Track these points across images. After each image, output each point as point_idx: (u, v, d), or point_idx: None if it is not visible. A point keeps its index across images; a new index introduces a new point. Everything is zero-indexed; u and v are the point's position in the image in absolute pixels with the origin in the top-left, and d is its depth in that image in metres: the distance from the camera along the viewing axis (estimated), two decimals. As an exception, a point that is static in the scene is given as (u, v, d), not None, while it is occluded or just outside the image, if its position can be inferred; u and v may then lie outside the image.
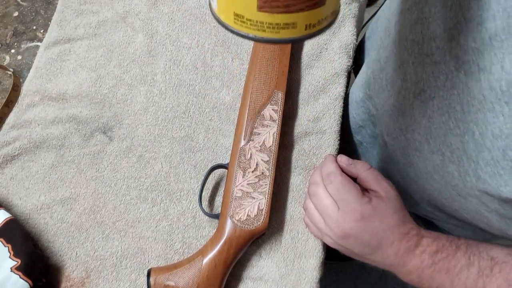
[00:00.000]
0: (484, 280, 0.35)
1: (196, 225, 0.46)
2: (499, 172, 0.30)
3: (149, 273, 0.41)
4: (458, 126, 0.33)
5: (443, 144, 0.36)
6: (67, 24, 0.53)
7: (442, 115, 0.35)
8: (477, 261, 0.36)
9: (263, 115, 0.45)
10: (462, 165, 0.34)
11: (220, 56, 0.53)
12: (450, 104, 0.33)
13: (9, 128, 0.49)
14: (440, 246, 0.37)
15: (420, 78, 0.37)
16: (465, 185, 0.35)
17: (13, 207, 0.46)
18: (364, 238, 0.39)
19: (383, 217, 0.39)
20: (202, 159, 0.49)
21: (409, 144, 0.41)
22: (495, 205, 0.33)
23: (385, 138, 0.46)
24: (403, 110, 0.41)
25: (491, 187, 0.32)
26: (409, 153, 0.42)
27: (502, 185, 0.31)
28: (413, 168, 0.42)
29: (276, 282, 0.44)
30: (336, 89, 0.52)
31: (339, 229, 0.39)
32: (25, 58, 0.54)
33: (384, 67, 0.44)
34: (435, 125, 0.36)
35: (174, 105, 0.51)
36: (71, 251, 0.45)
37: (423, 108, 0.37)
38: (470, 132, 0.32)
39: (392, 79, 0.42)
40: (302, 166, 0.49)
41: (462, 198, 0.37)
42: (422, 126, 0.38)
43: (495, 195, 0.32)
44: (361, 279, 1.19)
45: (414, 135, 0.39)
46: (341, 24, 0.54)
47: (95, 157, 0.48)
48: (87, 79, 0.51)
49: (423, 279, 0.37)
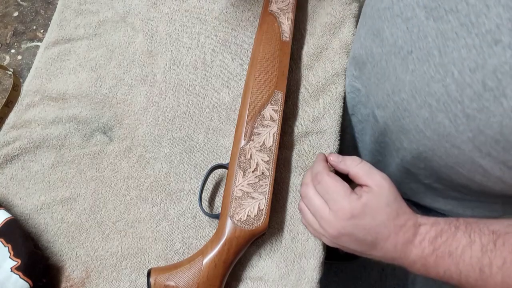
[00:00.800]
0: (489, 256, 0.34)
1: (196, 225, 0.46)
2: (485, 104, 0.32)
3: (149, 273, 0.41)
4: (438, 71, 0.35)
5: (428, 95, 0.37)
6: (67, 24, 0.53)
7: (422, 65, 0.36)
8: (478, 238, 0.35)
9: (263, 115, 0.45)
10: (450, 110, 0.35)
11: (220, 56, 0.53)
12: (428, 51, 0.35)
13: (9, 128, 0.49)
14: (438, 230, 0.37)
15: (396, 37, 0.39)
16: (457, 130, 0.35)
17: (13, 207, 0.46)
18: (358, 236, 0.39)
19: (374, 212, 0.38)
20: (202, 159, 0.49)
21: (398, 107, 0.42)
22: (488, 148, 0.34)
23: (376, 112, 0.47)
24: (387, 74, 0.42)
25: (482, 121, 0.33)
26: (398, 117, 0.42)
27: (491, 116, 0.32)
28: (405, 133, 0.43)
29: (276, 282, 0.44)
30: (336, 89, 0.52)
31: (332, 229, 0.39)
32: (25, 58, 0.54)
33: (363, 43, 0.47)
34: (418, 77, 0.37)
35: (174, 105, 0.51)
36: (71, 251, 0.45)
37: (404, 65, 0.39)
38: (450, 74, 0.33)
39: (371, 49, 0.44)
40: (302, 166, 0.49)
41: (456, 148, 0.37)
42: (407, 83, 0.39)
43: (487, 131, 0.33)
44: (361, 279, 1.19)
45: (401, 95, 0.40)
46: (341, 24, 0.54)
47: (95, 157, 0.48)
48: (87, 79, 0.51)
49: (429, 267, 0.37)
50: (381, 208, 0.38)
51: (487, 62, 0.30)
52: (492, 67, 0.30)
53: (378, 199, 0.39)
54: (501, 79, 0.30)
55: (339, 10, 0.54)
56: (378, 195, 0.39)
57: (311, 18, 0.55)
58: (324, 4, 0.55)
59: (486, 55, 0.30)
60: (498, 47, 0.29)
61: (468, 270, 0.35)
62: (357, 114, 0.56)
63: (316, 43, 0.53)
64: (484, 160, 0.35)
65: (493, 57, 0.30)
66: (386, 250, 0.38)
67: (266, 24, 0.49)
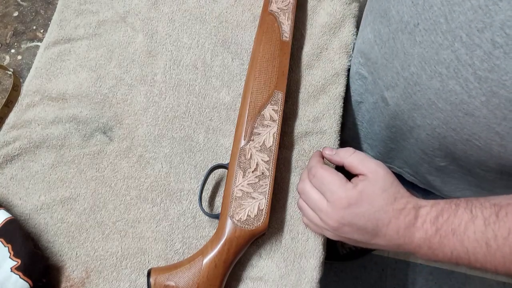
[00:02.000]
0: (493, 228, 0.34)
1: (196, 225, 0.46)
2: (496, 63, 0.32)
3: (149, 273, 0.41)
4: (447, 38, 0.35)
5: (437, 63, 0.37)
6: (67, 24, 0.53)
7: (430, 34, 0.37)
8: (480, 212, 0.35)
9: (263, 115, 0.45)
10: (461, 75, 0.35)
11: (220, 56, 0.53)
12: (435, 20, 0.35)
13: (9, 128, 0.49)
14: (439, 210, 0.37)
15: (402, 14, 0.40)
16: (470, 95, 0.35)
17: (13, 207, 0.46)
18: (358, 224, 0.38)
19: (371, 199, 0.38)
20: (202, 159, 0.49)
21: (408, 83, 0.42)
22: (502, 110, 0.34)
23: (385, 94, 0.48)
24: (395, 52, 0.42)
25: (494, 82, 0.33)
26: (410, 93, 0.43)
27: (503, 75, 0.32)
28: (418, 109, 0.43)
29: (276, 282, 0.44)
30: (336, 89, 0.52)
31: (332, 221, 0.39)
32: (25, 58, 0.54)
33: (372, 27, 0.48)
34: (427, 48, 0.37)
35: (174, 105, 0.51)
36: (71, 251, 0.45)
37: (411, 39, 0.39)
38: (458, 38, 0.34)
39: (379, 31, 0.45)
40: (302, 166, 0.49)
41: (470, 117, 0.37)
42: (416, 55, 0.39)
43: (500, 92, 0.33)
44: (361, 279, 1.19)
45: (410, 69, 0.41)
46: (341, 24, 0.54)
47: (95, 157, 0.48)
48: (87, 79, 0.51)
49: (435, 249, 0.36)
50: (378, 194, 0.38)
51: (494, 19, 0.30)
52: (500, 23, 0.30)
53: (373, 186, 0.39)
54: (509, 34, 0.30)
55: (339, 10, 0.54)
56: (373, 181, 0.39)
57: (311, 18, 0.55)
58: (324, 4, 0.55)
59: (492, 12, 0.30)
60: (503, 2, 0.29)
61: (475, 247, 0.34)
62: (365, 102, 0.56)
63: (316, 43, 0.53)
64: (499, 126, 0.35)
65: (499, 13, 0.30)
66: (389, 237, 0.38)
67: (266, 24, 0.49)
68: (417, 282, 1.27)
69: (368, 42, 0.49)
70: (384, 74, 0.47)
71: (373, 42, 0.47)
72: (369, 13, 0.50)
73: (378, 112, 0.53)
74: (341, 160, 0.42)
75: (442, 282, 1.26)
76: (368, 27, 0.50)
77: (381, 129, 0.55)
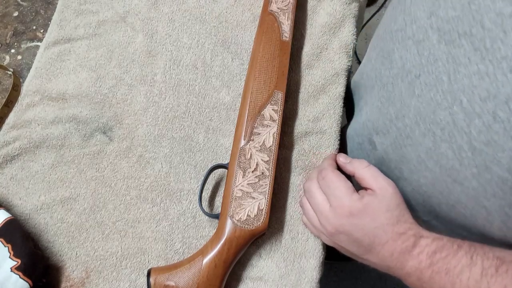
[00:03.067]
0: (488, 280, 0.32)
1: (196, 225, 0.46)
2: (493, 138, 0.29)
3: (149, 273, 0.41)
4: (446, 98, 0.33)
5: (432, 122, 0.35)
6: (67, 24, 0.53)
7: (430, 90, 0.34)
8: (480, 261, 0.34)
9: (263, 115, 0.45)
10: (454, 141, 0.33)
11: (220, 56, 0.53)
12: (437, 77, 0.33)
13: (9, 128, 0.49)
14: (439, 246, 0.36)
15: (405, 60, 0.37)
16: (461, 163, 0.33)
17: (13, 207, 0.46)
18: (355, 236, 0.38)
19: (374, 215, 0.38)
20: (202, 159, 0.49)
21: (400, 134, 0.40)
22: (493, 187, 0.31)
23: (374, 138, 0.46)
24: (392, 98, 0.40)
25: (488, 156, 0.30)
26: (400, 144, 0.41)
27: (499, 151, 0.29)
28: (406, 162, 0.41)
29: (276, 282, 0.44)
30: (336, 89, 0.52)
31: (330, 226, 0.39)
32: (25, 58, 0.54)
33: (372, 62, 0.45)
34: (424, 103, 0.35)
35: (174, 105, 0.51)
36: (71, 251, 0.45)
37: (411, 89, 0.37)
38: (458, 102, 0.31)
39: (380, 70, 0.43)
40: (302, 166, 0.49)
41: (458, 185, 0.35)
42: (412, 108, 0.37)
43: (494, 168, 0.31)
44: (361, 279, 1.19)
45: (404, 121, 0.39)
46: (341, 24, 0.54)
47: (95, 157, 0.48)
48: (87, 79, 0.51)
49: (424, 282, 0.36)
50: (382, 212, 0.38)
51: (500, 91, 0.28)
52: (505, 97, 0.28)
53: (379, 202, 0.38)
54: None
55: (339, 10, 0.54)
56: (380, 198, 0.39)
57: (311, 18, 0.55)
58: (324, 4, 0.55)
59: (499, 83, 0.28)
60: None
61: None
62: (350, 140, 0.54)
63: (316, 43, 0.53)
64: (488, 202, 0.33)
65: (506, 85, 0.27)
66: (382, 257, 0.38)
67: (266, 24, 0.49)
68: (417, 282, 1.27)
69: (368, 80, 0.47)
70: (376, 118, 0.44)
71: (373, 81, 0.45)
72: (373, 50, 0.47)
73: (363, 154, 0.50)
74: (354, 170, 0.42)
75: None
76: (369, 63, 0.47)
77: None
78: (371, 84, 0.46)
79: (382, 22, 0.46)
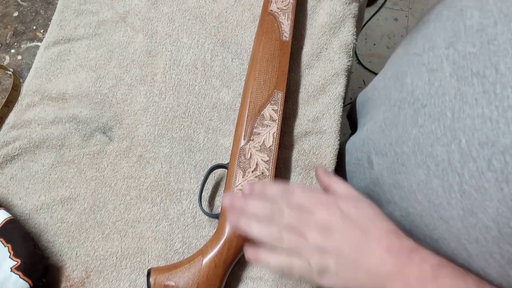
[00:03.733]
0: None
1: (196, 225, 0.46)
2: (484, 185, 0.29)
3: (149, 273, 0.41)
4: (446, 135, 0.32)
5: (429, 156, 0.34)
6: (67, 24, 0.53)
7: (432, 123, 0.34)
8: None
9: (263, 115, 0.45)
10: (446, 179, 0.33)
11: (220, 56, 0.53)
12: (442, 111, 0.33)
13: (9, 128, 0.49)
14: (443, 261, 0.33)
15: (415, 86, 0.37)
16: (449, 202, 0.33)
17: (13, 207, 0.46)
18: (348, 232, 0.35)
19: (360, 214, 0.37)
20: (202, 159, 0.49)
21: (397, 159, 0.40)
22: (477, 233, 0.31)
23: (372, 157, 0.45)
24: (396, 122, 0.40)
25: (476, 202, 0.30)
26: (395, 170, 0.40)
27: (487, 200, 0.29)
28: (398, 188, 0.41)
29: (276, 282, 0.44)
30: (336, 89, 0.52)
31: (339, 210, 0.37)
32: (25, 58, 0.54)
33: (385, 81, 0.45)
34: (424, 135, 0.35)
35: (174, 105, 0.51)
36: (71, 251, 0.45)
37: (415, 117, 0.37)
38: (457, 141, 0.31)
39: (390, 91, 0.43)
40: (302, 166, 0.49)
41: (444, 222, 0.34)
42: (412, 137, 0.37)
43: (480, 215, 0.30)
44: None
45: (403, 148, 0.39)
46: (341, 24, 0.54)
47: (95, 157, 0.48)
48: (87, 79, 0.51)
49: None
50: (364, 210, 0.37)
51: (499, 140, 0.28)
52: (503, 147, 0.27)
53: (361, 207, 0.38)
54: (508, 162, 0.27)
55: (339, 10, 0.54)
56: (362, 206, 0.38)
57: (311, 18, 0.55)
58: (324, 4, 0.55)
59: (500, 131, 0.28)
60: None
61: None
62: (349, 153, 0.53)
63: (316, 43, 0.53)
64: (470, 245, 0.32)
65: (507, 136, 0.27)
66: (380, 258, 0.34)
67: (266, 24, 0.49)
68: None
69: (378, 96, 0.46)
70: (378, 138, 0.44)
71: (382, 99, 0.45)
72: (389, 68, 0.47)
73: (360, 169, 0.50)
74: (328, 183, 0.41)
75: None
76: (383, 81, 0.47)
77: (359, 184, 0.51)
78: (380, 102, 0.46)
79: (404, 42, 0.46)
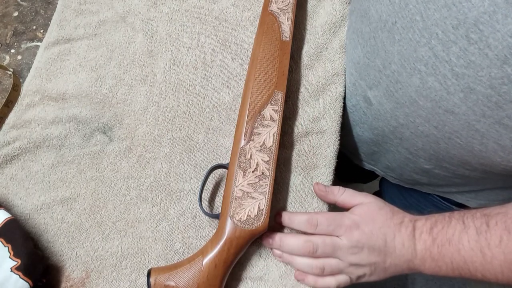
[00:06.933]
0: (485, 237, 0.36)
1: (196, 225, 0.46)
2: (471, 59, 0.32)
3: (149, 273, 0.41)
4: (423, 35, 0.36)
5: (416, 61, 0.38)
6: (67, 24, 0.53)
7: (407, 32, 0.37)
8: (472, 222, 0.37)
9: (263, 115, 0.45)
10: (438, 72, 0.36)
11: (220, 56, 0.53)
12: (411, 18, 0.36)
13: (9, 128, 0.49)
14: (433, 221, 0.39)
15: (381, 12, 0.41)
16: (448, 91, 0.36)
17: (13, 207, 0.46)
18: (370, 243, 0.40)
19: (372, 217, 0.41)
20: (202, 159, 0.49)
21: (390, 80, 0.43)
22: (481, 107, 0.34)
23: (368, 94, 0.48)
24: (376, 50, 0.44)
25: (471, 78, 0.33)
26: (392, 91, 0.43)
27: (478, 71, 0.32)
28: (400, 108, 0.44)
29: (276, 282, 0.44)
30: (336, 89, 0.52)
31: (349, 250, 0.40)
32: (25, 58, 0.54)
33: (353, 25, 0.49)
34: (405, 46, 0.38)
35: (174, 105, 0.51)
36: (71, 251, 0.45)
37: (390, 37, 0.40)
38: (434, 35, 0.35)
39: (361, 29, 0.46)
40: (302, 166, 0.49)
41: (450, 114, 0.38)
42: (396, 53, 0.40)
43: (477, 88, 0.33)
44: (361, 279, 1.18)
45: (391, 67, 0.42)
46: (341, 23, 0.54)
47: (95, 157, 0.48)
48: (87, 79, 0.51)
49: (437, 261, 0.38)
50: (376, 212, 0.41)
51: (468, 16, 0.31)
52: (473, 20, 0.31)
53: (369, 207, 0.42)
54: (483, 30, 0.31)
55: (339, 9, 0.54)
56: (368, 204, 0.42)
57: (311, 18, 0.55)
58: (324, 3, 0.55)
59: (465, 9, 0.31)
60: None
61: (471, 255, 0.36)
62: None
63: (316, 43, 0.53)
64: (479, 123, 0.36)
65: (472, 10, 0.31)
66: (398, 251, 0.40)
67: (266, 24, 0.49)
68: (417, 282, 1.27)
69: (351, 43, 0.50)
70: (366, 74, 0.47)
71: (356, 42, 0.48)
72: (352, 14, 0.51)
73: (360, 114, 0.53)
74: (335, 199, 0.45)
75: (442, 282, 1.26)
76: (351, 28, 0.50)
77: (363, 131, 0.56)
78: (354, 45, 0.49)
79: None
